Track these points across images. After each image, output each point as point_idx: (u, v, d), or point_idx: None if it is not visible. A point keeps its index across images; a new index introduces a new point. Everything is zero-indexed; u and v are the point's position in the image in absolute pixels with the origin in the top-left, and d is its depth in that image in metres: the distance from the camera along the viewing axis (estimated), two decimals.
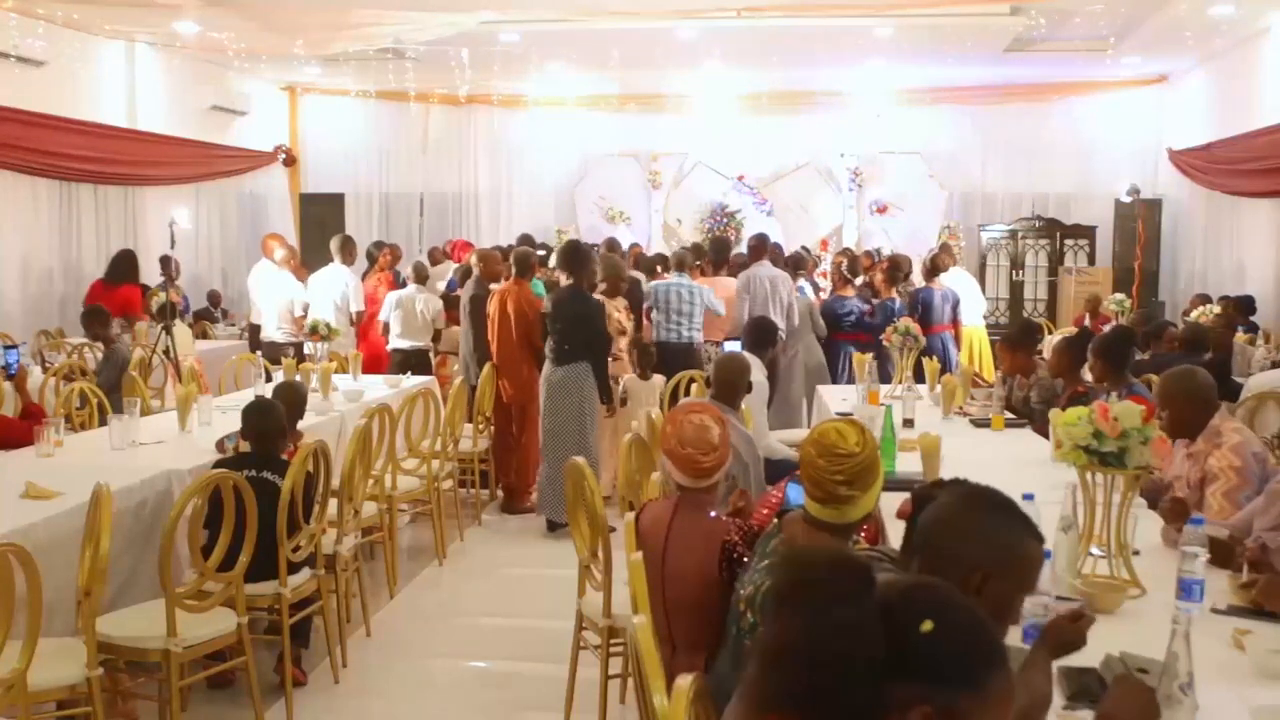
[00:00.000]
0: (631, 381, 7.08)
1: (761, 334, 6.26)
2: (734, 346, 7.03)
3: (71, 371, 7.05)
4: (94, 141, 10.07)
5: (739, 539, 2.92)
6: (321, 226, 13.03)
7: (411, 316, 8.26)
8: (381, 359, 8.41)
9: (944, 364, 7.48)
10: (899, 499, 2.42)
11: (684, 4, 9.21)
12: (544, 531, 6.58)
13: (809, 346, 8.41)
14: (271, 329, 8.63)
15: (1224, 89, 11.29)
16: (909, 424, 5.28)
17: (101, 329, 7.23)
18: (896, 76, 12.50)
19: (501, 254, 8.18)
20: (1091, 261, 12.85)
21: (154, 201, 11.01)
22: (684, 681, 2.05)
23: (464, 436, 6.72)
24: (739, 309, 7.92)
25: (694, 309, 7.63)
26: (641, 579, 2.91)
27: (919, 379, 6.54)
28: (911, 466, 4.26)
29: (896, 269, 8.77)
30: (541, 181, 14.19)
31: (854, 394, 6.46)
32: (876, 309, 8.38)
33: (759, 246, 8.44)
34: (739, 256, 9.28)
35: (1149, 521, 3.39)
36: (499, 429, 7.09)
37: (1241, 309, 9.23)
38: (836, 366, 8.38)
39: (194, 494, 3.62)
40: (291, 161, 13.92)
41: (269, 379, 6.99)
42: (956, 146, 13.41)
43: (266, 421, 4.27)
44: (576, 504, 3.92)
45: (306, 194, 14.00)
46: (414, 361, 8.05)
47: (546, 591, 5.35)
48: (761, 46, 10.60)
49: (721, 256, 9.09)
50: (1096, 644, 2.18)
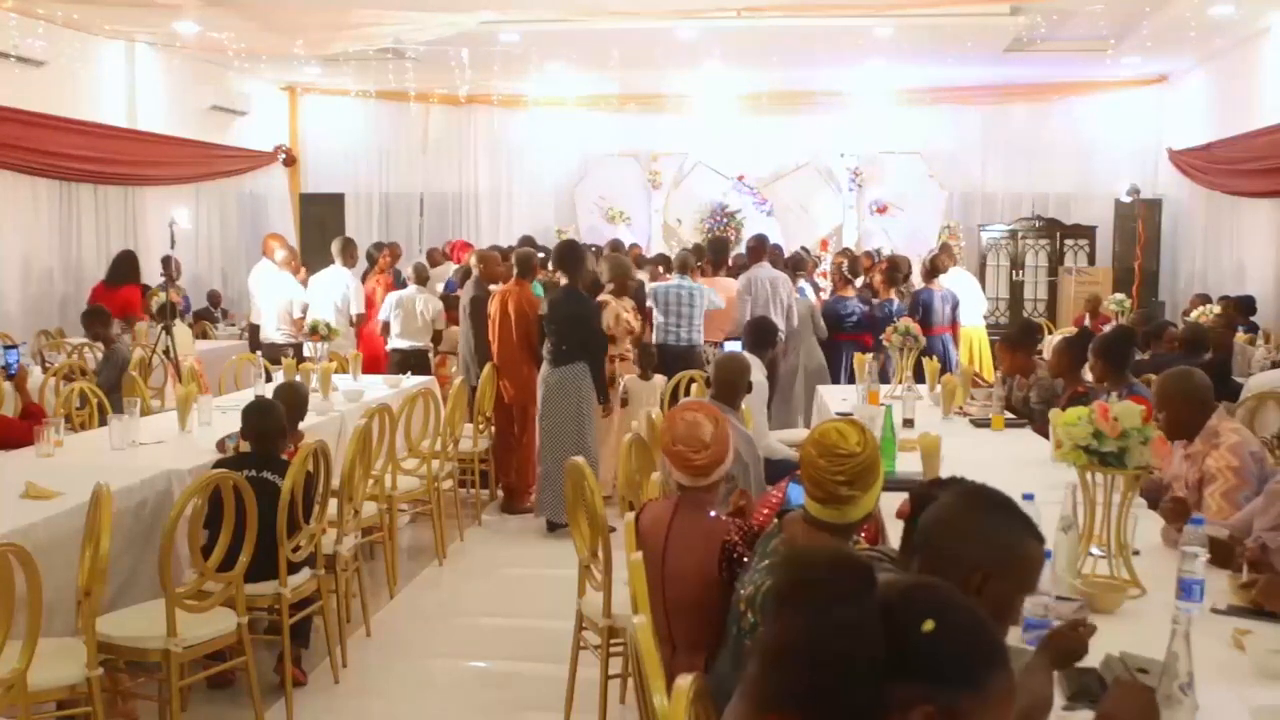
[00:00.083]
0: (632, 382, 7.08)
1: (761, 334, 6.27)
2: (734, 347, 7.03)
3: (71, 371, 7.06)
4: (94, 141, 10.07)
5: (739, 539, 2.92)
6: (321, 227, 13.05)
7: (411, 317, 8.27)
8: (380, 359, 8.42)
9: (944, 364, 7.48)
10: (899, 499, 2.42)
11: (684, 4, 9.21)
12: (544, 531, 6.58)
13: (810, 349, 8.41)
14: (271, 329, 8.62)
15: (1224, 89, 11.29)
16: (909, 424, 5.29)
17: (102, 329, 7.23)
18: (896, 76, 12.50)
19: (501, 254, 8.18)
20: (1091, 261, 12.85)
21: (154, 201, 11.01)
22: (684, 681, 2.05)
23: (464, 437, 6.72)
24: (740, 310, 7.92)
25: (694, 310, 7.62)
26: (641, 579, 2.90)
27: (919, 379, 6.55)
28: (911, 466, 4.26)
29: (895, 270, 8.76)
30: (541, 181, 14.18)
31: (854, 394, 6.46)
32: (875, 309, 8.38)
33: (758, 247, 8.44)
34: (739, 258, 9.28)
35: (1149, 521, 3.39)
36: (500, 429, 7.10)
37: (1241, 309, 9.23)
38: (837, 367, 8.38)
39: (194, 494, 3.62)
40: (291, 161, 13.92)
41: (269, 379, 6.99)
42: (956, 146, 13.41)
43: (266, 421, 4.28)
44: (576, 504, 3.92)
45: (306, 194, 14.00)
46: (413, 362, 8.06)
47: (546, 591, 5.35)
48: (761, 46, 10.60)
49: (720, 257, 9.09)
50: (1097, 644, 2.19)
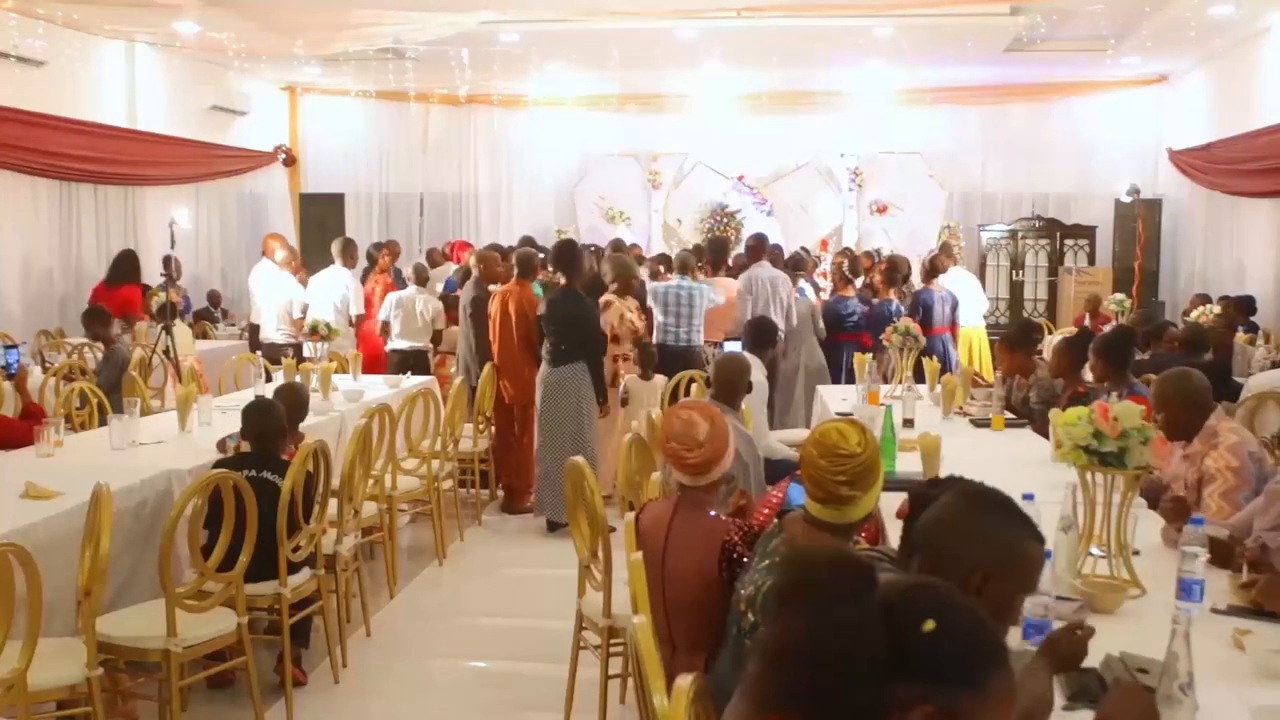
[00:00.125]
0: (633, 382, 7.07)
1: (761, 334, 6.27)
2: (734, 347, 7.03)
3: (71, 371, 7.05)
4: (94, 141, 10.07)
5: (739, 539, 2.92)
6: (321, 226, 13.05)
7: (411, 317, 8.27)
8: (380, 359, 8.42)
9: (944, 364, 7.48)
10: (899, 499, 2.42)
11: (684, 4, 9.21)
12: (544, 531, 6.58)
13: (810, 350, 8.40)
14: (271, 329, 8.62)
15: (1224, 89, 11.30)
16: (909, 424, 5.28)
17: (102, 329, 7.23)
18: (896, 76, 12.50)
19: (501, 254, 8.18)
20: (1091, 261, 12.85)
21: (154, 201, 11.01)
22: (684, 681, 2.05)
23: (464, 437, 6.72)
24: (741, 309, 7.92)
25: (694, 310, 7.61)
26: (641, 579, 2.90)
27: (919, 379, 6.55)
28: (911, 466, 4.26)
29: (895, 270, 8.75)
30: (541, 181, 14.17)
31: (854, 394, 6.46)
32: (874, 310, 8.38)
33: (757, 246, 8.43)
34: (739, 258, 9.27)
35: (1149, 521, 3.39)
36: (500, 429, 7.10)
37: (1241, 309, 9.23)
38: (838, 367, 8.37)
39: (194, 494, 3.62)
40: (291, 161, 13.91)
41: (269, 379, 6.99)
42: (956, 146, 13.41)
43: (266, 421, 4.28)
44: (576, 504, 3.92)
45: (306, 194, 13.99)
46: (412, 362, 8.06)
47: (546, 591, 5.35)
48: (761, 46, 10.60)
49: (720, 257, 9.09)
50: (1097, 644, 2.19)
